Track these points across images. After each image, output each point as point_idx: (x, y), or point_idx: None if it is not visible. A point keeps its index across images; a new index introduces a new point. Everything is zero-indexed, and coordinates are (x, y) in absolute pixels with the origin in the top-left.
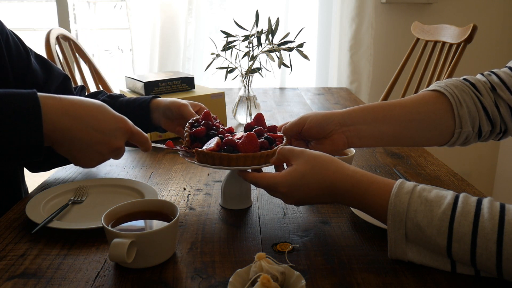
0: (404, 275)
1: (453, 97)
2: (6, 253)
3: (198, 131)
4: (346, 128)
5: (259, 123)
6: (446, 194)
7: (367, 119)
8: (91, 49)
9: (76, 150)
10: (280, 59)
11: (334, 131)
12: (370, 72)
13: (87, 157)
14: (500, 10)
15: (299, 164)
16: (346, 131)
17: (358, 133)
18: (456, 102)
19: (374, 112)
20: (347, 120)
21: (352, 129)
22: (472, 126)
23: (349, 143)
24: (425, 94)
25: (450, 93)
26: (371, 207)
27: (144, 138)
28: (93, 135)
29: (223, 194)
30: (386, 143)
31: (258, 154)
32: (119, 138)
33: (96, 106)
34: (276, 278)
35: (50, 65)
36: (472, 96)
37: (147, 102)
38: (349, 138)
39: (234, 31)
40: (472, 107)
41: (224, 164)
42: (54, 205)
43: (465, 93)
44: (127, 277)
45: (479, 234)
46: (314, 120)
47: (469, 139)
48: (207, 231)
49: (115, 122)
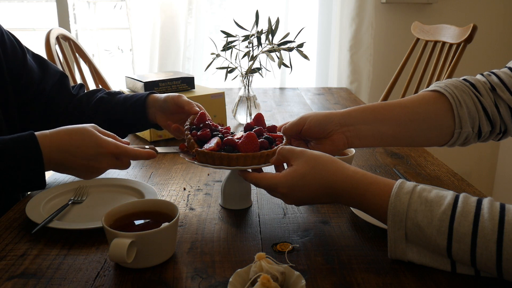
0: (404, 275)
1: (453, 98)
2: (6, 253)
3: (204, 134)
4: (346, 128)
5: (259, 123)
6: (446, 194)
7: (367, 119)
8: (91, 49)
9: (72, 173)
10: (280, 59)
11: (334, 131)
12: (370, 72)
13: (82, 175)
14: (500, 10)
15: (300, 165)
16: (346, 131)
17: (358, 133)
18: (456, 102)
19: (374, 112)
20: (347, 120)
21: (352, 129)
22: (471, 127)
23: (349, 143)
24: (425, 95)
25: (450, 94)
26: (371, 207)
27: (133, 153)
28: (79, 162)
29: (223, 194)
30: (386, 143)
31: (258, 154)
32: (100, 162)
33: (80, 133)
34: (276, 278)
35: (47, 63)
36: (472, 96)
37: (144, 98)
38: (349, 138)
39: (234, 31)
40: (472, 108)
41: (224, 164)
42: (54, 205)
43: (465, 93)
44: (127, 277)
45: (479, 235)
46: (314, 120)
47: (468, 139)
48: (207, 231)
49: (96, 147)
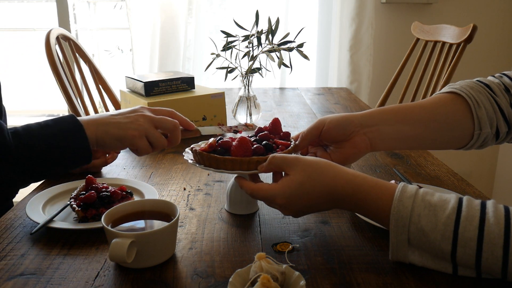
0: (404, 275)
1: (471, 99)
2: (6, 253)
3: (88, 196)
4: (367, 129)
5: (275, 127)
6: (449, 198)
7: (388, 120)
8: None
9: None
10: (280, 59)
11: (355, 133)
12: (370, 72)
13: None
14: (500, 10)
15: (296, 173)
16: (368, 132)
17: (379, 135)
18: (474, 103)
19: (394, 113)
20: (367, 121)
21: (374, 130)
22: (490, 127)
23: (371, 144)
24: (442, 96)
25: (467, 95)
26: (373, 211)
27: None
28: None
29: (229, 199)
30: (408, 145)
31: (247, 159)
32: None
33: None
34: (276, 278)
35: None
36: (488, 97)
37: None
38: (371, 140)
39: (234, 31)
40: (490, 108)
41: (213, 165)
42: (54, 205)
43: (482, 94)
44: (127, 277)
45: (485, 239)
46: (333, 122)
47: (486, 141)
48: (207, 231)
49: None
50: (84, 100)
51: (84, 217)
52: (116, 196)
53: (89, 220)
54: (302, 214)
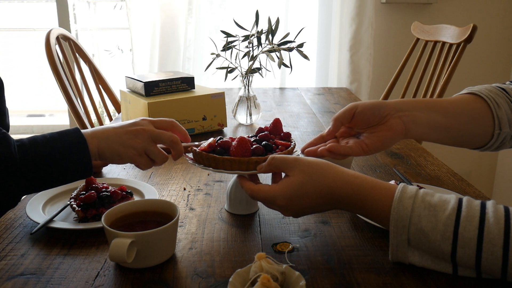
0: (404, 275)
1: (490, 100)
2: (6, 253)
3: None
4: (402, 113)
5: (276, 128)
6: (449, 198)
7: (421, 108)
8: (91, 49)
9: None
10: (280, 59)
11: (390, 116)
12: (370, 72)
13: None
14: (500, 10)
15: (296, 175)
16: (403, 116)
17: (415, 119)
18: (494, 104)
19: (425, 102)
20: (402, 106)
21: (409, 115)
22: (509, 128)
23: (406, 129)
24: (463, 96)
25: (487, 96)
26: (373, 212)
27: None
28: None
29: (229, 199)
30: (438, 136)
31: (246, 159)
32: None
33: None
34: (276, 278)
35: None
36: (506, 99)
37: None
38: (406, 124)
39: (234, 31)
40: (508, 110)
41: (212, 165)
42: (54, 205)
43: (500, 96)
44: (127, 277)
45: (484, 239)
46: (367, 104)
47: (504, 142)
48: (207, 231)
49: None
50: (84, 100)
51: (84, 217)
52: (116, 196)
53: (89, 220)
54: (302, 214)
